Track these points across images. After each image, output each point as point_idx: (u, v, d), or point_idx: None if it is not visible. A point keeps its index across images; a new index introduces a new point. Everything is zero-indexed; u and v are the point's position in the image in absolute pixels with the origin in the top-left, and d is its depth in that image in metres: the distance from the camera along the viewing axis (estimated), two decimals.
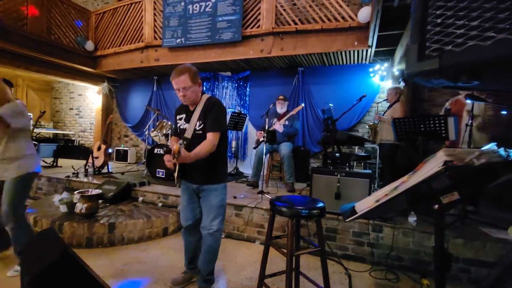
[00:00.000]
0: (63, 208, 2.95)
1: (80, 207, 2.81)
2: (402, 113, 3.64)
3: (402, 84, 3.98)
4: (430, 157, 0.70)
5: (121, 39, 5.54)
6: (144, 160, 5.31)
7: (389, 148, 3.71)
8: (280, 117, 4.05)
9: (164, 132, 4.53)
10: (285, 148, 3.85)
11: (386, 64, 4.37)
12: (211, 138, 1.79)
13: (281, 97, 4.15)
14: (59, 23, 5.29)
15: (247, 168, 5.30)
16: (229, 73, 5.68)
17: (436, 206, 0.82)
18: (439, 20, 0.48)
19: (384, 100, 4.04)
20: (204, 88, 5.85)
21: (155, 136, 4.66)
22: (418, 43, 0.50)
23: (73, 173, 4.42)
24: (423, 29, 0.50)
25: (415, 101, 4.38)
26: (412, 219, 2.55)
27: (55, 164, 5.35)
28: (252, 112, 5.42)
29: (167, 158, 1.82)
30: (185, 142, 1.84)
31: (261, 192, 3.38)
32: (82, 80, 6.34)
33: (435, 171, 0.64)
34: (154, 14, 5.18)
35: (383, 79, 4.45)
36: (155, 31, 5.20)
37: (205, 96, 1.92)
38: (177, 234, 3.16)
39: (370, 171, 2.74)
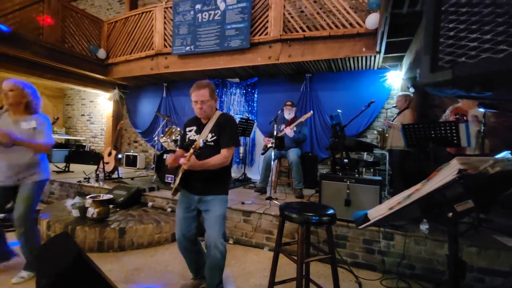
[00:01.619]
0: (75, 213, 3.01)
1: (91, 211, 2.86)
2: (412, 119, 3.60)
3: (411, 90, 3.95)
4: (444, 165, 0.70)
5: (132, 47, 5.68)
6: (153, 165, 5.38)
7: (399, 155, 3.67)
8: (288, 123, 4.07)
9: (173, 138, 4.59)
10: (293, 154, 3.85)
11: (395, 70, 4.35)
12: (226, 153, 1.84)
13: (288, 103, 4.16)
14: (73, 32, 5.47)
15: (255, 174, 5.31)
16: (237, 80, 5.74)
17: (450, 214, 0.81)
18: (452, 33, 0.49)
19: (393, 106, 4.02)
20: None
21: (164, 142, 4.72)
22: (430, 54, 0.51)
23: (85, 178, 4.51)
24: (436, 40, 0.51)
25: (425, 107, 4.34)
26: (424, 227, 2.51)
27: (67, 169, 5.46)
28: (260, 118, 5.46)
29: (171, 157, 1.83)
30: (194, 153, 1.87)
31: (269, 198, 3.38)
32: (93, 87, 6.50)
33: (449, 179, 0.64)
34: (164, 22, 5.31)
35: (391, 85, 4.43)
36: (165, 39, 5.32)
37: (218, 112, 1.99)
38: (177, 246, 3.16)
39: (380, 178, 2.71)
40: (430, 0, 0.53)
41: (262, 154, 4.20)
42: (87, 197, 3.01)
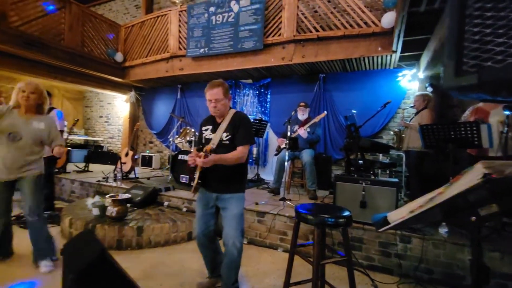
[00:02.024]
0: (95, 211, 3.12)
1: (111, 210, 2.96)
2: (430, 119, 3.51)
3: (429, 90, 3.85)
4: (468, 169, 0.69)
5: (148, 50, 5.82)
6: (168, 165, 5.49)
7: (416, 156, 3.59)
8: (301, 124, 4.06)
9: (188, 138, 4.68)
10: (307, 155, 3.84)
11: (412, 69, 4.25)
12: (242, 149, 1.88)
13: (302, 103, 4.15)
14: (91, 36, 5.66)
15: (268, 175, 5.32)
16: (250, 81, 5.77)
17: (473, 218, 0.80)
18: (476, 37, 0.49)
19: (411, 106, 3.93)
20: None
21: (179, 142, 4.81)
22: (455, 58, 0.51)
23: (103, 178, 4.66)
24: (460, 45, 0.51)
25: (443, 107, 4.22)
26: (443, 230, 2.45)
27: (86, 169, 5.66)
28: (273, 119, 5.46)
29: (192, 156, 1.85)
30: (210, 152, 1.91)
31: (283, 199, 3.38)
32: (111, 89, 6.71)
33: (473, 183, 0.63)
34: (179, 25, 5.41)
35: (409, 85, 4.33)
36: (179, 42, 5.42)
37: (233, 111, 2.01)
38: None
39: (397, 180, 2.66)
40: (453, 4, 0.53)
41: (276, 155, 4.20)
42: (107, 196, 3.11)
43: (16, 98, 2.28)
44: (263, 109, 5.63)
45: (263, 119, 5.20)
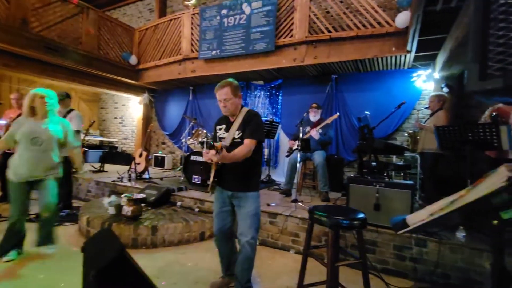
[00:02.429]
0: (111, 210, 3.21)
1: (126, 209, 3.03)
2: (446, 121, 3.44)
3: (445, 90, 3.76)
4: (491, 172, 0.68)
5: (161, 53, 5.93)
6: (180, 166, 5.57)
7: (432, 158, 3.51)
8: (313, 125, 4.04)
9: (200, 140, 4.73)
10: (318, 156, 3.81)
11: (427, 70, 4.17)
12: (248, 143, 1.89)
13: (314, 105, 4.13)
14: (107, 40, 5.82)
15: (279, 176, 5.32)
16: (261, 82, 5.79)
17: (496, 222, 0.78)
18: (501, 40, 0.49)
19: (426, 107, 3.85)
20: None
21: (191, 143, 4.88)
22: (479, 62, 0.51)
23: (118, 178, 4.78)
24: (485, 48, 0.51)
25: (460, 107, 4.11)
26: (460, 234, 2.39)
27: (102, 169, 5.82)
28: (284, 120, 5.46)
29: (207, 153, 1.87)
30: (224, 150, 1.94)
31: (295, 201, 3.37)
32: (125, 91, 6.87)
33: (497, 186, 0.62)
34: (192, 28, 5.50)
35: (424, 85, 4.24)
36: (192, 44, 5.50)
37: (245, 109, 2.04)
38: (214, 239, 3.26)
39: (412, 182, 2.61)
40: (477, 7, 0.53)
41: (287, 156, 4.20)
42: (122, 195, 3.19)
43: (32, 104, 2.40)
44: (274, 110, 5.64)
45: (274, 120, 5.20)
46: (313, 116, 4.10)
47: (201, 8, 5.34)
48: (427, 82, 4.21)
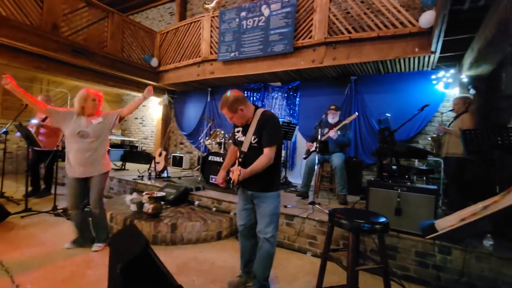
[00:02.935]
0: (133, 207, 3.32)
1: (147, 207, 3.13)
2: (471, 124, 3.29)
3: (472, 92, 3.61)
4: None
5: (181, 55, 6.08)
6: (198, 166, 5.67)
7: (456, 163, 3.37)
8: (331, 127, 3.99)
9: (218, 140, 4.81)
10: (337, 159, 3.76)
11: (452, 71, 4.02)
12: (268, 152, 1.90)
13: (332, 106, 4.08)
14: (130, 43, 6.03)
15: (295, 178, 5.29)
16: (279, 84, 5.79)
17: None
18: None
19: (450, 110, 3.71)
20: (255, 99, 6.05)
21: (209, 144, 4.96)
22: None
23: (138, 176, 4.94)
24: None
25: (488, 110, 3.91)
26: (488, 242, 2.28)
27: (123, 167, 6.03)
28: (301, 122, 5.43)
29: (222, 183, 2.03)
30: (241, 156, 1.99)
31: (312, 203, 3.34)
32: None
33: None
34: (211, 31, 5.59)
35: (448, 87, 4.09)
36: (211, 47, 5.60)
37: (260, 111, 2.02)
38: (230, 239, 3.30)
39: (435, 187, 2.53)
40: None
41: (305, 158, 4.17)
42: (144, 193, 3.30)
43: (83, 105, 2.58)
44: (291, 112, 5.62)
45: (292, 122, 5.18)
46: (332, 118, 4.05)
47: (220, 11, 5.42)
48: (452, 83, 4.05)
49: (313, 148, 3.98)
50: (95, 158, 2.61)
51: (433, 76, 4.17)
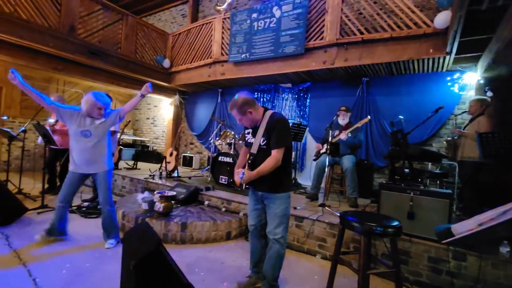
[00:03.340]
0: (144, 206, 3.38)
1: (158, 206, 3.18)
2: (488, 127, 3.20)
3: (489, 94, 3.51)
4: None
5: (192, 56, 6.15)
6: (208, 166, 5.72)
7: (472, 166, 3.28)
8: (342, 128, 3.95)
9: (228, 141, 4.83)
10: (348, 161, 3.72)
11: (468, 72, 3.92)
12: (275, 154, 1.92)
13: (343, 107, 4.04)
14: (143, 44, 6.15)
15: (305, 180, 5.27)
16: (289, 85, 5.78)
17: None
18: None
19: (465, 112, 3.62)
20: (265, 100, 6.06)
21: (219, 144, 5.00)
22: None
23: (150, 175, 5.01)
24: None
25: (507, 112, 3.79)
26: (504, 249, 2.21)
27: (135, 166, 6.14)
28: (311, 123, 5.40)
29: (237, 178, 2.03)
30: (251, 157, 2.01)
31: (322, 205, 3.32)
32: (158, 93, 7.20)
33: None
34: (222, 32, 5.64)
35: (464, 88, 3.99)
36: (222, 48, 5.65)
37: (268, 113, 2.04)
38: (239, 239, 3.31)
39: (450, 191, 2.47)
40: None
41: (314, 160, 4.15)
42: (155, 192, 3.35)
43: (89, 111, 2.65)
44: (301, 113, 5.60)
45: (302, 123, 5.16)
46: (342, 120, 4.01)
47: (232, 12, 5.47)
48: (468, 85, 3.95)
49: (323, 150, 3.95)
50: (97, 157, 2.70)
51: (448, 78, 4.07)
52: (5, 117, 5.83)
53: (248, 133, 2.15)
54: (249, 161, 2.00)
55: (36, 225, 3.21)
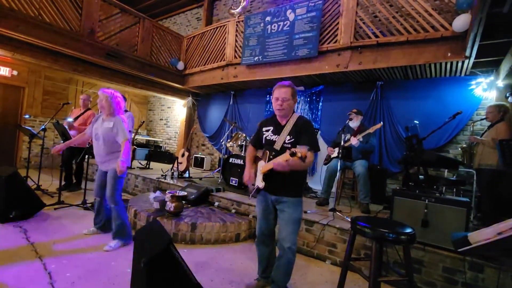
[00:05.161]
0: (156, 205, 3.43)
1: (169, 205, 3.22)
2: (507, 133, 3.08)
3: (510, 100, 3.38)
4: None
5: (206, 59, 6.23)
6: (219, 167, 5.75)
7: (490, 174, 3.16)
8: (354, 132, 3.89)
9: (239, 143, 4.86)
10: (360, 166, 3.66)
11: (488, 77, 3.78)
12: (309, 156, 1.81)
13: (354, 110, 3.96)
14: (158, 47, 6.28)
15: (316, 184, 5.21)
16: (302, 88, 5.76)
17: None
18: None
19: (483, 118, 3.49)
20: None
21: (230, 146, 5.02)
22: None
23: (162, 175, 5.10)
24: None
25: None
26: None
27: (148, 166, 6.26)
28: (323, 127, 5.36)
29: (247, 175, 2.03)
30: (273, 153, 1.97)
31: (333, 210, 3.27)
32: (172, 95, 7.34)
33: None
34: (236, 35, 5.69)
35: (483, 94, 3.86)
36: (235, 51, 5.69)
37: (296, 115, 2.04)
38: (248, 241, 3.31)
39: (467, 199, 2.38)
40: None
41: (325, 164, 4.10)
42: (167, 192, 3.40)
43: (99, 106, 2.77)
44: (313, 117, 5.56)
45: (314, 126, 5.12)
46: (353, 123, 3.95)
47: (246, 15, 5.51)
48: (488, 90, 3.82)
49: (335, 154, 3.90)
50: (108, 158, 2.78)
51: (467, 83, 3.95)
52: (27, 116, 6.09)
53: (268, 130, 2.11)
54: (271, 157, 1.96)
55: (52, 220, 3.33)
